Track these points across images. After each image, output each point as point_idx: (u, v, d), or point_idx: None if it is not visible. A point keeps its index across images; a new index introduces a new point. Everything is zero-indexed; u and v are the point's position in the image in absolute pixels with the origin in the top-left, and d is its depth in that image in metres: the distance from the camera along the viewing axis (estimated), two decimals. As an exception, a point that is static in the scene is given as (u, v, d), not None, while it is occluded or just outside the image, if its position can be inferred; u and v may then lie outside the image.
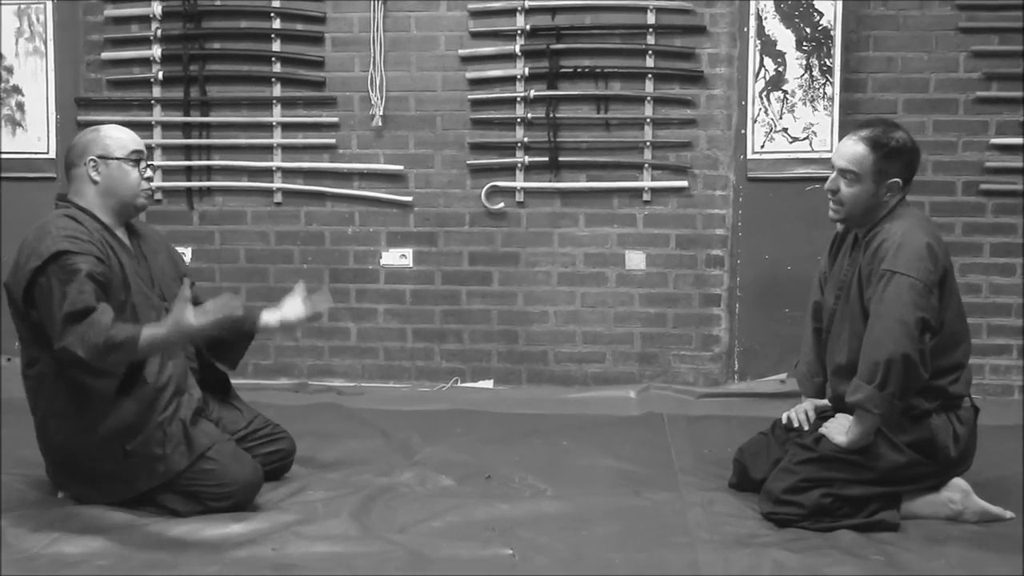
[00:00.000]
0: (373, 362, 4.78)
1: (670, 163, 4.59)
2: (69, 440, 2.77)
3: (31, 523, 2.68)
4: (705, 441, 3.70)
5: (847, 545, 2.59)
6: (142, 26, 4.76)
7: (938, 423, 2.77)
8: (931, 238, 2.73)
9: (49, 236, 2.71)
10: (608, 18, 4.58)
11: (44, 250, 2.68)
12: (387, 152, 4.71)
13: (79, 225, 2.78)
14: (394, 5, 4.65)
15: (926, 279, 2.66)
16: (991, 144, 4.46)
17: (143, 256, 2.98)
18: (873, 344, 2.67)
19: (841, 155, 2.82)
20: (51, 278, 2.65)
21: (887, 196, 2.81)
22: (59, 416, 2.77)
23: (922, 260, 2.67)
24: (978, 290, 4.51)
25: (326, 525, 2.72)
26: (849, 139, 2.83)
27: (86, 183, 2.87)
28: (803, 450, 2.80)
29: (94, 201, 2.87)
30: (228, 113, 4.76)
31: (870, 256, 2.75)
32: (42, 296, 2.66)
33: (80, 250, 2.69)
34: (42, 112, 4.72)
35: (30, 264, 2.69)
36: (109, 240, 2.83)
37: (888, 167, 2.77)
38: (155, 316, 2.85)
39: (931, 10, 4.46)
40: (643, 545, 2.63)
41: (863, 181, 2.78)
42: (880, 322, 2.66)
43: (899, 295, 2.64)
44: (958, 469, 2.84)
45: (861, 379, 2.69)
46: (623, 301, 4.67)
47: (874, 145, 2.77)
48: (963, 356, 2.83)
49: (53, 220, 2.79)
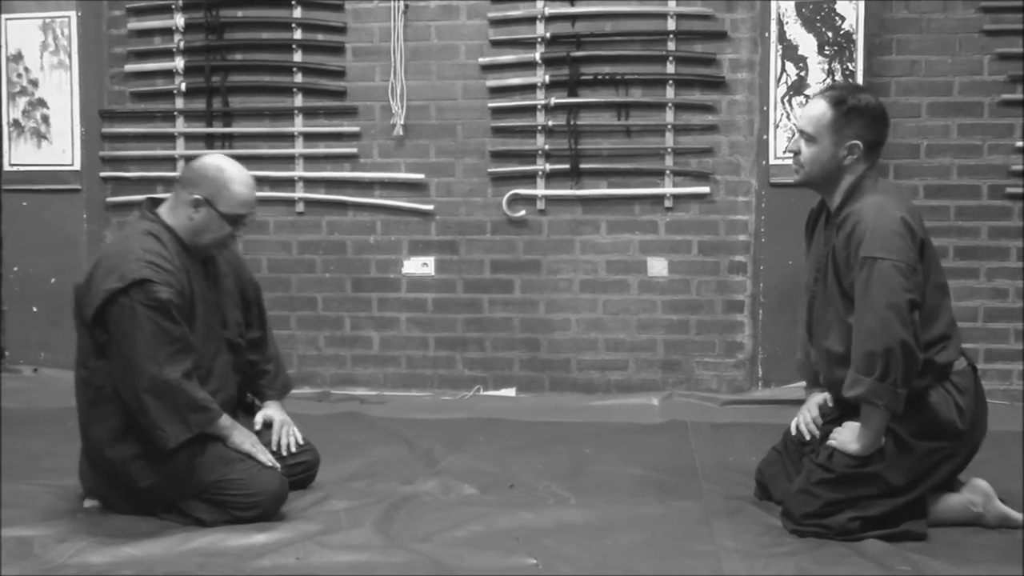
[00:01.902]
0: (395, 371, 4.79)
1: (692, 169, 4.57)
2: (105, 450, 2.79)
3: (57, 533, 2.69)
4: (729, 449, 3.67)
5: (874, 555, 2.56)
6: (165, 38, 4.80)
7: (936, 399, 2.68)
8: (904, 212, 2.66)
9: (133, 256, 2.71)
10: (628, 25, 4.58)
11: (128, 273, 2.68)
12: (408, 161, 4.72)
13: (162, 248, 2.78)
14: (414, 15, 4.66)
15: (907, 259, 2.59)
16: (1017, 147, 4.41)
17: (214, 281, 2.98)
18: (867, 335, 2.59)
19: (803, 115, 2.81)
20: (135, 304, 2.66)
21: (847, 159, 2.74)
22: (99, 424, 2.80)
23: (900, 238, 2.60)
24: (1005, 295, 4.46)
25: (349, 534, 2.71)
26: (812, 99, 2.83)
27: (183, 210, 2.85)
28: (820, 469, 2.73)
29: (181, 228, 2.85)
30: (250, 124, 4.79)
31: (844, 239, 2.68)
32: (122, 318, 2.68)
33: (161, 280, 2.70)
34: (67, 124, 4.77)
35: (109, 284, 2.69)
36: (187, 266, 2.84)
37: (846, 127, 2.72)
38: (214, 348, 2.90)
39: (955, 13, 4.43)
40: (667, 554, 2.61)
41: (821, 140, 2.73)
42: (870, 311, 2.58)
43: (884, 280, 2.57)
44: (972, 439, 2.75)
45: (858, 372, 2.61)
46: (645, 308, 4.65)
47: (834, 102, 2.73)
48: (946, 326, 2.73)
49: (138, 237, 2.79)
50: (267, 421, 3.09)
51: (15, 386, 4.60)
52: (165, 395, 2.69)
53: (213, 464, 2.79)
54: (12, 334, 4.92)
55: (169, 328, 2.70)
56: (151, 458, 2.76)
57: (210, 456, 2.79)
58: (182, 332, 2.74)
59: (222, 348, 2.95)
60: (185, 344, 2.75)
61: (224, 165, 2.87)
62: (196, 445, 2.77)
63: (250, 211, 2.91)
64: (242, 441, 2.85)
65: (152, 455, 2.76)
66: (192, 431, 2.74)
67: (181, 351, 2.73)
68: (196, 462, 2.77)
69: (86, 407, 2.83)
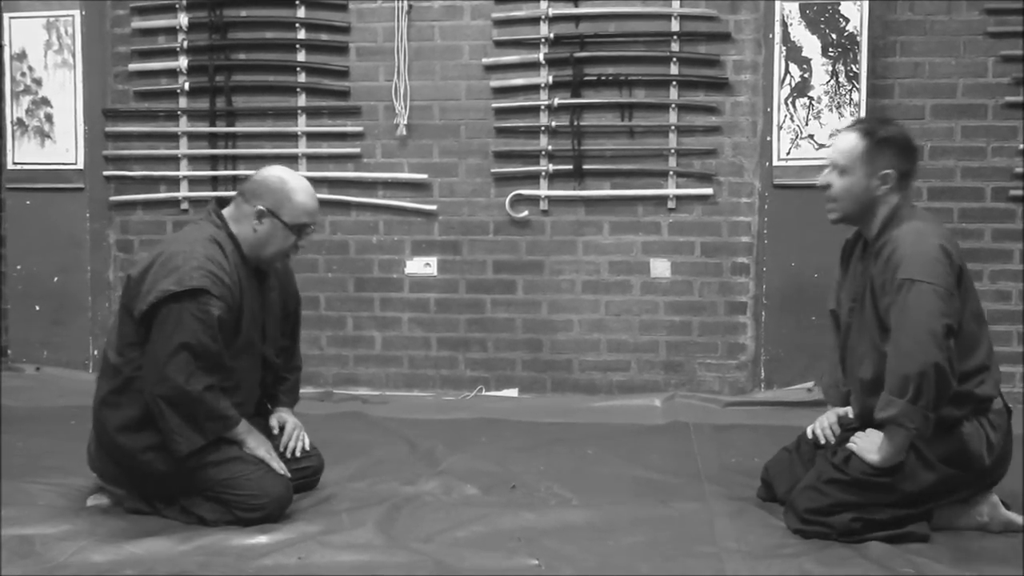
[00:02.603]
0: (398, 371, 4.79)
1: (695, 170, 4.57)
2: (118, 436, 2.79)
3: (59, 532, 2.69)
4: (732, 450, 3.67)
5: (877, 557, 2.55)
6: (169, 38, 4.80)
7: (970, 430, 2.70)
8: (943, 239, 2.67)
9: (195, 261, 2.72)
10: (632, 26, 4.57)
11: (187, 280, 2.68)
12: (411, 161, 4.72)
13: (224, 258, 2.79)
14: (418, 15, 4.66)
15: (946, 283, 2.60)
16: (1020, 150, 4.41)
17: (264, 296, 2.98)
18: (902, 357, 2.59)
19: (833, 148, 2.82)
20: (184, 312, 2.67)
21: (880, 188, 2.75)
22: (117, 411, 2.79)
23: (938, 264, 2.61)
24: (1008, 297, 4.46)
25: (351, 535, 2.71)
26: (841, 133, 2.85)
27: (247, 222, 2.87)
28: (833, 469, 2.73)
29: (244, 239, 2.87)
30: (253, 123, 4.79)
31: (882, 265, 2.69)
32: (168, 320, 2.68)
33: (218, 293, 2.71)
34: (71, 123, 4.78)
35: (167, 284, 2.69)
36: (243, 278, 2.85)
37: (878, 156, 2.74)
38: (249, 362, 2.91)
39: (959, 15, 4.42)
40: (670, 555, 2.60)
41: (853, 171, 2.75)
42: (906, 333, 2.59)
43: (921, 304, 2.58)
44: (993, 477, 2.77)
45: (892, 394, 2.60)
46: (648, 309, 4.65)
47: (865, 133, 2.76)
48: (985, 357, 2.75)
49: (203, 243, 2.79)
50: (281, 424, 3.10)
51: (17, 385, 4.61)
52: (184, 405, 2.70)
53: (224, 463, 2.79)
54: (14, 333, 4.92)
55: (208, 344, 2.71)
56: (162, 451, 2.76)
57: (222, 455, 2.79)
58: (219, 350, 2.74)
59: (256, 364, 2.97)
60: (217, 363, 2.75)
61: (286, 176, 2.90)
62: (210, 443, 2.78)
63: (313, 220, 2.93)
64: (256, 447, 2.85)
65: (163, 448, 2.76)
66: (207, 438, 2.75)
67: (210, 368, 2.73)
68: (208, 459, 2.77)
69: (109, 393, 2.82)
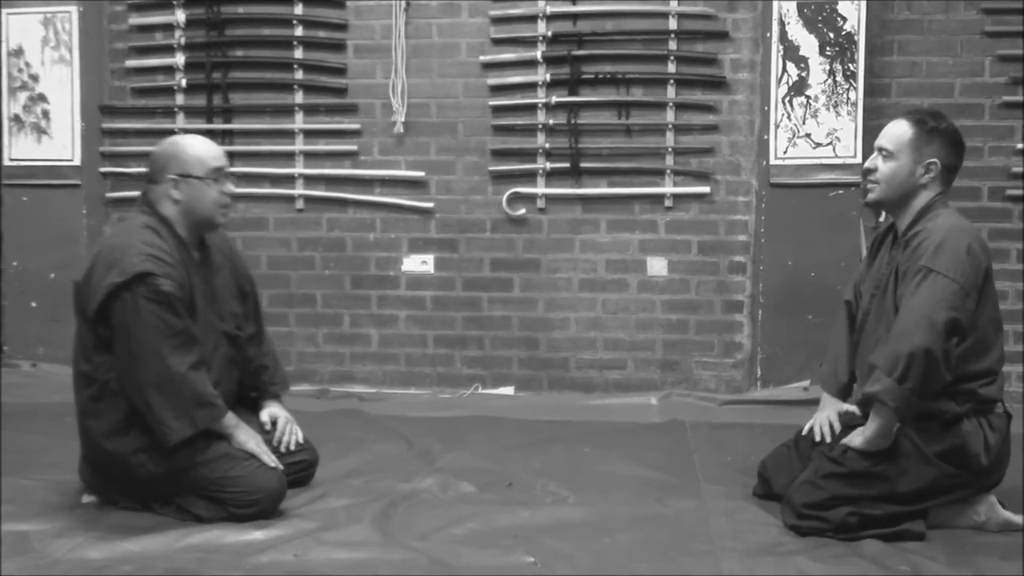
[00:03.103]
0: (394, 368, 4.79)
1: (692, 169, 4.57)
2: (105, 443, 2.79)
3: (55, 528, 2.70)
4: (728, 449, 3.67)
5: (873, 555, 2.56)
6: (166, 34, 4.80)
7: (969, 428, 2.71)
8: (973, 240, 2.69)
9: (133, 251, 2.71)
10: (630, 24, 4.57)
11: (129, 268, 2.68)
12: (408, 159, 4.72)
13: (161, 241, 2.78)
14: (416, 12, 4.66)
15: (964, 281, 2.61)
16: (1017, 149, 4.41)
17: (210, 273, 2.98)
18: (897, 336, 2.61)
19: (884, 134, 2.84)
20: (138, 298, 2.66)
21: (924, 177, 2.78)
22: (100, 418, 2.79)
23: (962, 261, 2.62)
24: (1005, 296, 4.46)
25: (348, 532, 2.71)
26: (893, 121, 2.87)
27: (166, 200, 2.86)
28: (830, 463, 2.74)
29: (174, 217, 2.86)
30: (251, 120, 4.79)
31: (909, 254, 2.71)
32: (124, 312, 2.68)
33: (163, 273, 2.71)
34: (67, 120, 4.77)
35: (111, 278, 2.69)
36: (185, 260, 2.84)
37: (926, 145, 2.77)
38: (213, 340, 2.90)
39: (956, 14, 4.43)
40: (666, 553, 2.61)
41: (900, 156, 2.78)
42: (909, 315, 2.61)
43: (933, 292, 2.59)
44: (989, 480, 2.78)
45: (882, 371, 2.62)
46: (645, 307, 4.65)
47: (917, 122, 2.80)
48: (995, 363, 2.76)
49: (137, 231, 2.79)
50: (273, 419, 3.09)
51: (14, 381, 4.60)
52: (171, 389, 2.69)
53: (214, 461, 2.78)
54: (11, 329, 4.92)
55: (172, 321, 2.70)
56: (152, 452, 2.76)
57: (212, 453, 2.79)
58: (186, 325, 2.74)
59: (221, 341, 2.95)
60: (190, 336, 2.75)
61: (175, 139, 2.95)
62: (199, 441, 2.77)
63: (222, 162, 2.91)
64: (246, 440, 2.85)
65: (154, 449, 2.76)
66: (197, 427, 2.73)
67: (186, 343, 2.73)
68: (198, 458, 2.77)
69: (88, 401, 2.82)
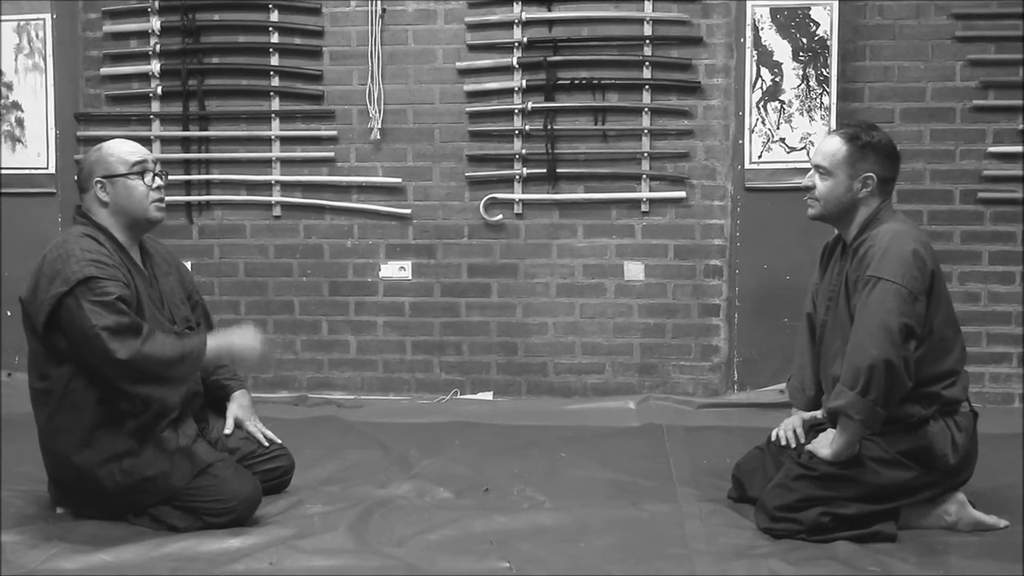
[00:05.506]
0: (372, 374, 4.79)
1: (668, 174, 4.60)
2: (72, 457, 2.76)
3: (29, 539, 2.68)
4: (704, 452, 3.69)
5: (845, 556, 2.59)
6: (141, 41, 4.78)
7: (935, 430, 2.75)
8: (918, 244, 2.72)
9: (74, 259, 2.69)
10: (605, 30, 4.59)
11: (71, 275, 2.65)
12: (385, 165, 4.72)
13: (101, 247, 2.76)
14: (392, 19, 4.66)
15: (911, 286, 2.65)
16: (989, 152, 4.46)
17: (155, 278, 2.97)
18: (856, 349, 2.66)
19: (817, 151, 2.89)
20: (81, 302, 2.63)
21: (862, 192, 2.82)
22: (64, 433, 2.76)
23: (908, 267, 2.66)
24: (977, 298, 4.51)
25: (323, 539, 2.71)
26: (826, 137, 2.93)
27: (97, 205, 2.85)
28: (799, 466, 2.77)
29: (108, 221, 2.85)
30: (227, 127, 4.78)
31: (857, 263, 2.76)
32: (71, 320, 2.65)
33: (107, 276, 2.69)
34: (42, 128, 4.74)
35: (55, 288, 2.66)
36: (127, 264, 2.83)
37: (861, 161, 2.81)
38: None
39: (927, 19, 4.47)
40: (641, 557, 2.62)
41: (836, 174, 2.82)
42: (863, 327, 2.65)
43: (883, 301, 2.63)
44: (959, 479, 2.82)
45: (844, 385, 2.67)
46: (622, 312, 4.67)
47: (849, 138, 2.83)
48: (956, 362, 2.81)
49: (75, 240, 2.76)
50: (238, 423, 3.09)
51: (-12, 391, 4.57)
52: (141, 371, 2.65)
53: (184, 470, 2.78)
54: (-14, 338, 4.88)
55: (122, 321, 2.65)
56: (120, 462, 2.74)
57: (181, 462, 2.78)
58: (134, 321, 2.69)
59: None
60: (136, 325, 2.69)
61: (96, 147, 2.92)
62: (167, 452, 2.76)
63: (144, 156, 2.89)
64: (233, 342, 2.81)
65: (121, 459, 2.74)
66: (186, 381, 2.77)
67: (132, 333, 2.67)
68: (167, 468, 2.76)
69: (48, 418, 2.79)
